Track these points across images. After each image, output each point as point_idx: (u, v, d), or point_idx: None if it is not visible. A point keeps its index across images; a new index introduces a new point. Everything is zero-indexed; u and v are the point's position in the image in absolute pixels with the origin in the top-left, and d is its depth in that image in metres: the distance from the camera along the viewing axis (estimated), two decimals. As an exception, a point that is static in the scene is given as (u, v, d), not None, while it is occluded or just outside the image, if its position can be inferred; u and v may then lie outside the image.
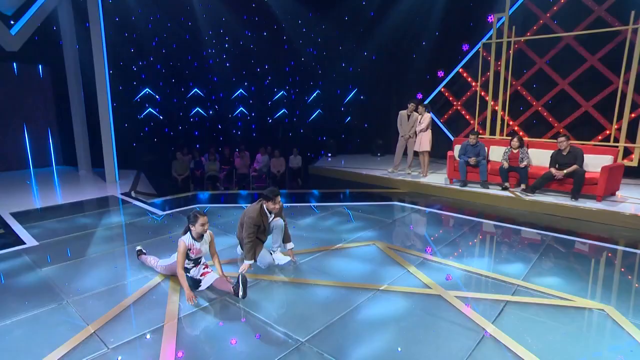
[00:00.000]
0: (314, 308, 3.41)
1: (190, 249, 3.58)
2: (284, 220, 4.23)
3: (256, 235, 4.02)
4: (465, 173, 7.37)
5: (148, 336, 2.93)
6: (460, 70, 9.92)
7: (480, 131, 9.13)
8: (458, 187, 7.37)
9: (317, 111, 13.06)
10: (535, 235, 5.39)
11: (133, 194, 7.46)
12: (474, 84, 9.52)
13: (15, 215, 5.98)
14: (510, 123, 9.08)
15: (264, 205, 4.01)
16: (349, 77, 12.19)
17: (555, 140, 6.76)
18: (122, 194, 7.45)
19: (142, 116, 11.09)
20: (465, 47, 9.44)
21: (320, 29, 12.14)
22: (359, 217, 6.09)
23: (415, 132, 8.23)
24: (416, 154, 8.46)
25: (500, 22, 8.62)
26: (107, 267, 4.19)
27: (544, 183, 6.62)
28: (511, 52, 8.37)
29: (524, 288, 3.75)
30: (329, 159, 11.52)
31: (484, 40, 8.85)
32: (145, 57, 10.81)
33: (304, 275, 4.03)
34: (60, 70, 9.42)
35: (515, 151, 7.06)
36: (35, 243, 4.85)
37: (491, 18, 8.60)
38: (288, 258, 4.21)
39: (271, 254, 4.21)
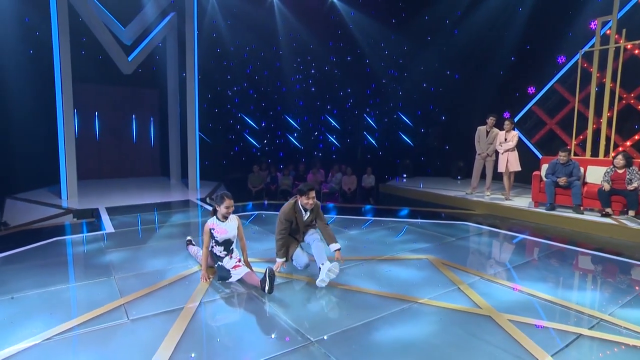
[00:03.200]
0: (338, 311, 3.15)
1: (213, 229, 3.64)
2: (323, 221, 4.04)
3: (289, 233, 3.92)
4: (553, 195, 6.34)
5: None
6: (555, 85, 8.80)
7: (580, 153, 7.89)
8: (544, 211, 6.37)
9: (397, 132, 12.77)
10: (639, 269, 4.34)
11: (208, 199, 8.03)
12: (571, 99, 8.33)
13: (108, 209, 6.83)
14: (619, 143, 7.66)
15: (299, 201, 3.92)
16: (431, 98, 11.72)
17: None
18: (199, 199, 8.06)
19: (233, 137, 12.06)
20: (560, 60, 8.39)
21: (402, 50, 12.02)
22: (421, 233, 5.61)
23: (496, 150, 7.43)
24: (496, 174, 7.59)
25: (607, 27, 7.52)
26: (159, 254, 4.47)
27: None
28: (620, 60, 7.17)
29: (609, 323, 2.98)
30: (404, 179, 11.05)
31: (585, 49, 7.76)
32: (240, 83, 11.85)
33: (339, 280, 3.77)
34: (164, 94, 10.79)
35: (620, 171, 5.89)
36: (112, 230, 5.47)
37: (594, 24, 7.54)
38: (329, 278, 3.59)
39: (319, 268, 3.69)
